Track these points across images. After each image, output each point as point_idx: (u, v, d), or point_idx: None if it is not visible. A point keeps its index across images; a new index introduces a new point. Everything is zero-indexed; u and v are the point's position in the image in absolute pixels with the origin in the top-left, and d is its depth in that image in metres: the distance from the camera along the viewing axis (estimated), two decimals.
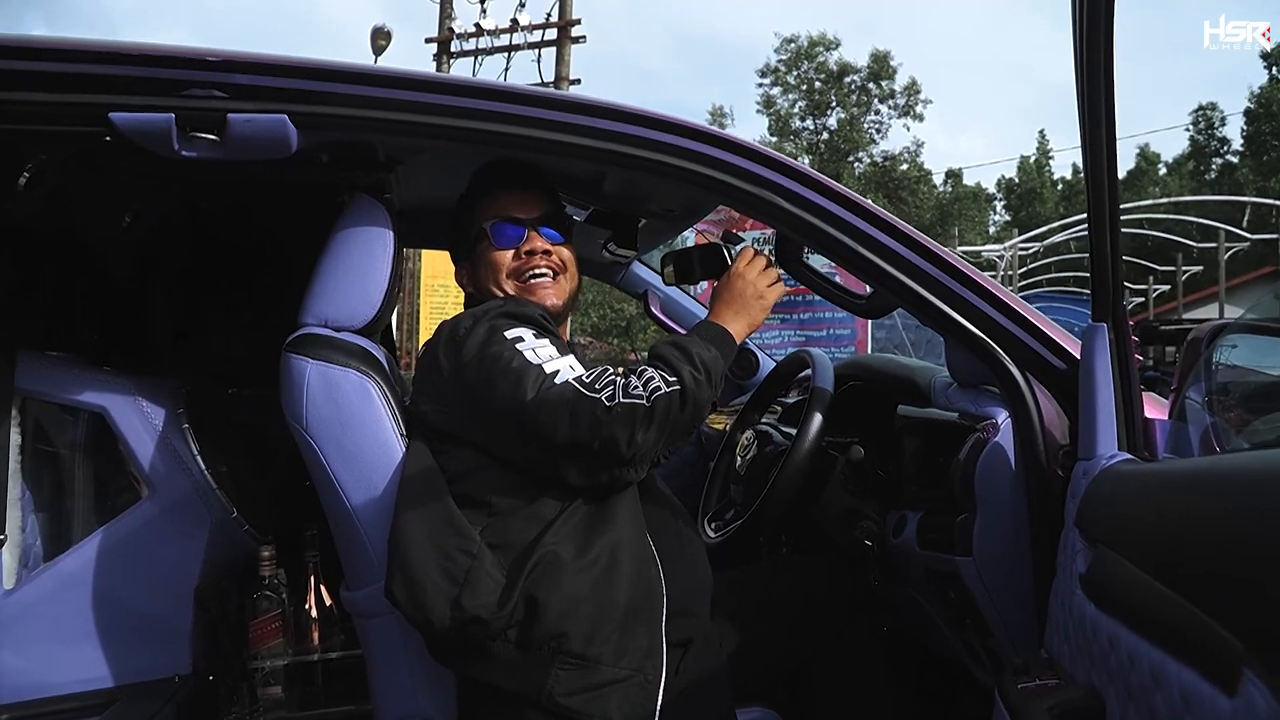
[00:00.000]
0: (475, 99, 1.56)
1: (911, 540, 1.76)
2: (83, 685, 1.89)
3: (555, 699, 1.43)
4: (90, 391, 1.95)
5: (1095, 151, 1.24)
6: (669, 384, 1.47)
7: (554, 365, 1.51)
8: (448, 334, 1.61)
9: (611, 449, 1.45)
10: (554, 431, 1.46)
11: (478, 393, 1.53)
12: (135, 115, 1.48)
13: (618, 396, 1.45)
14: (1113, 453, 1.37)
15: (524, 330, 1.57)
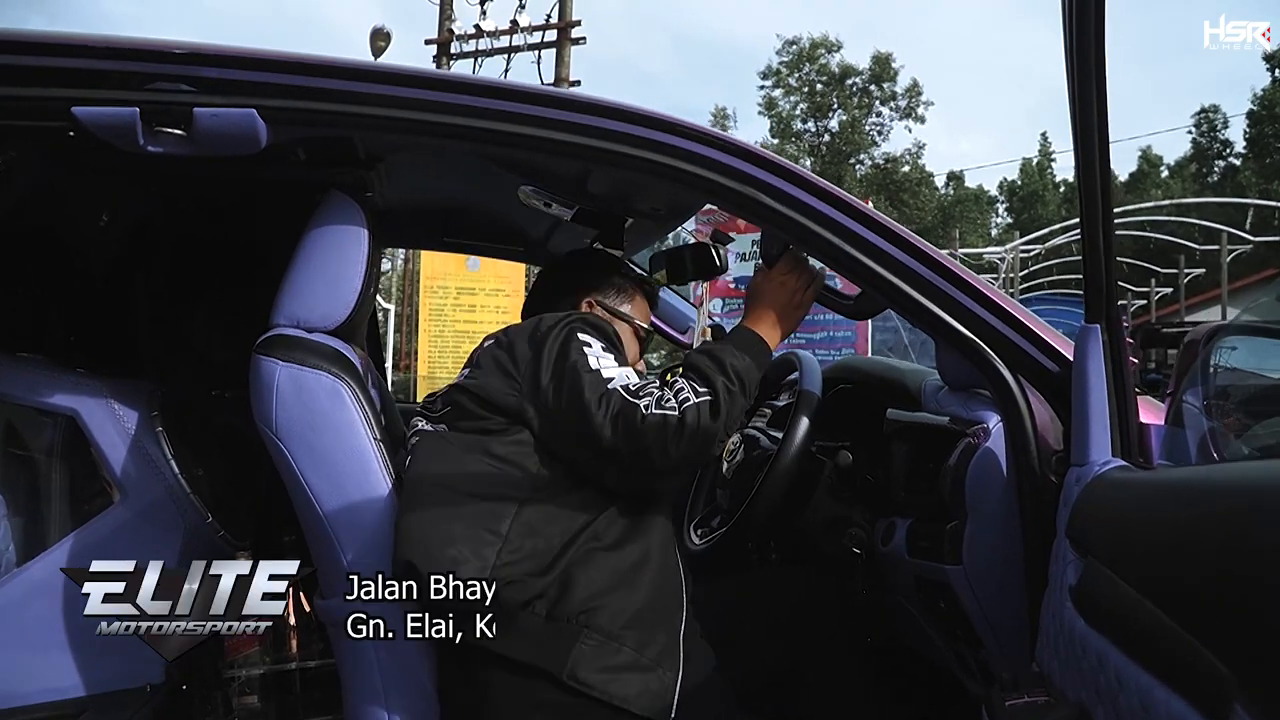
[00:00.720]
0: (450, 93, 1.52)
1: (901, 548, 1.72)
2: (53, 695, 1.84)
3: (577, 674, 1.45)
4: (61, 394, 1.91)
5: (1087, 151, 1.19)
6: (699, 394, 1.51)
7: (610, 372, 1.55)
8: (528, 331, 1.65)
9: (644, 458, 1.49)
10: (598, 434, 1.49)
11: (543, 384, 1.56)
12: (98, 109, 1.44)
13: (653, 408, 1.49)
14: (1106, 459, 1.32)
15: (595, 339, 1.61)
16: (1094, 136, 1.19)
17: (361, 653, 1.57)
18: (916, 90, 31.40)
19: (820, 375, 1.93)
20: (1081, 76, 1.16)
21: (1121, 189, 37.21)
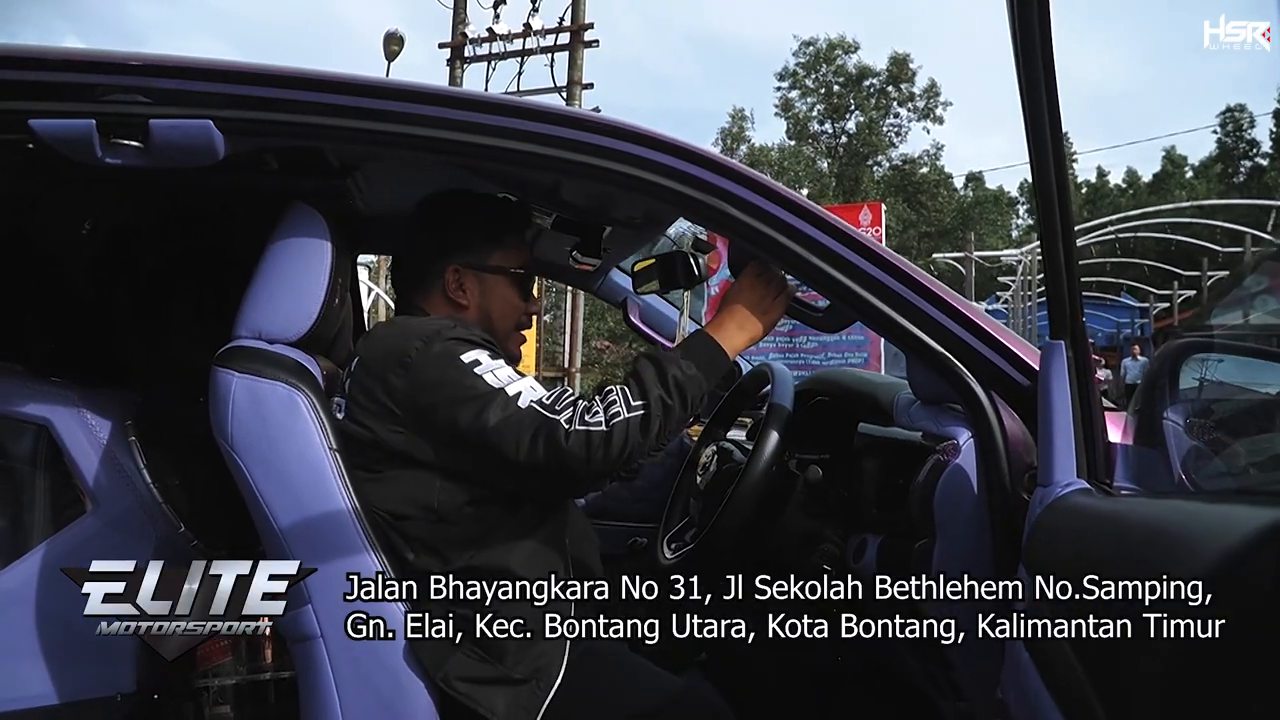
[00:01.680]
0: (407, 103, 1.50)
1: (872, 566, 1.69)
2: (22, 703, 1.84)
3: (450, 681, 1.49)
4: (33, 403, 1.90)
5: (1041, 159, 1.16)
6: (631, 408, 1.48)
7: (515, 387, 1.52)
8: (396, 354, 1.56)
9: (566, 473, 1.48)
10: (515, 453, 1.47)
11: (436, 415, 1.53)
12: (55, 122, 1.44)
13: (575, 421, 1.46)
14: (1070, 480, 1.29)
15: (479, 353, 1.56)
16: (1047, 144, 1.16)
17: (318, 663, 1.55)
18: (935, 91, 31.24)
19: (792, 388, 1.90)
20: (1030, 83, 1.13)
21: (1145, 190, 36.90)
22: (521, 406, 1.49)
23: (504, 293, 1.79)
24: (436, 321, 1.63)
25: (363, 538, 1.53)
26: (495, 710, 1.48)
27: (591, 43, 14.17)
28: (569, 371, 14.78)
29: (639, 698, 1.58)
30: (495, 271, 1.78)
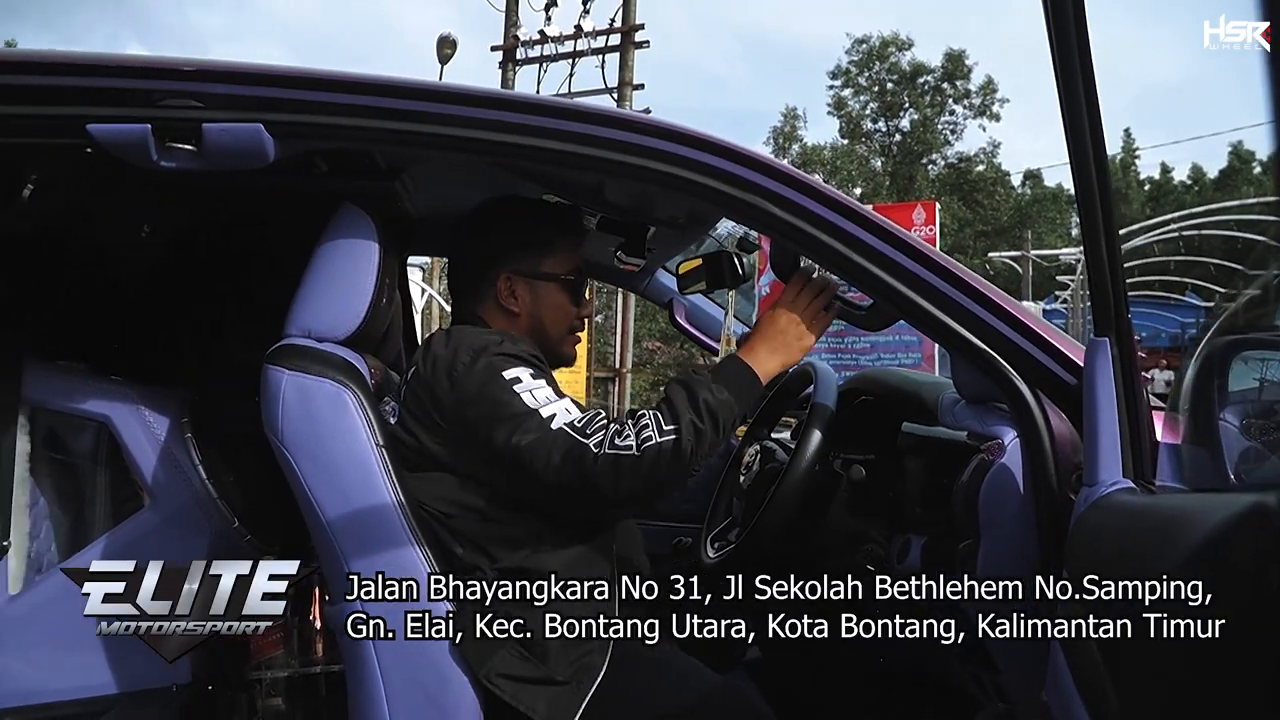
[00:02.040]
0: (455, 105, 1.52)
1: (916, 566, 1.67)
2: (82, 692, 1.90)
3: (493, 678, 1.51)
4: (94, 400, 1.96)
5: (1080, 152, 1.14)
6: (663, 433, 1.49)
7: (550, 409, 1.54)
8: (445, 366, 1.59)
9: (595, 495, 1.50)
10: (544, 474, 1.50)
11: (477, 431, 1.55)
12: (112, 126, 1.48)
13: (605, 445, 1.48)
14: (1115, 479, 1.27)
15: (522, 370, 1.58)
16: (1086, 138, 1.14)
17: (365, 657, 1.58)
18: (991, 87, 30.75)
19: (835, 388, 1.89)
20: (1066, 75, 1.12)
21: (1211, 186, 35.97)
22: (553, 428, 1.51)
23: (556, 299, 1.79)
24: (487, 335, 1.65)
25: (409, 533, 1.55)
26: (536, 710, 1.49)
27: (642, 43, 14.20)
28: (620, 372, 14.81)
29: (677, 696, 1.59)
30: (547, 278, 1.78)
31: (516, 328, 1.75)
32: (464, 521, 1.60)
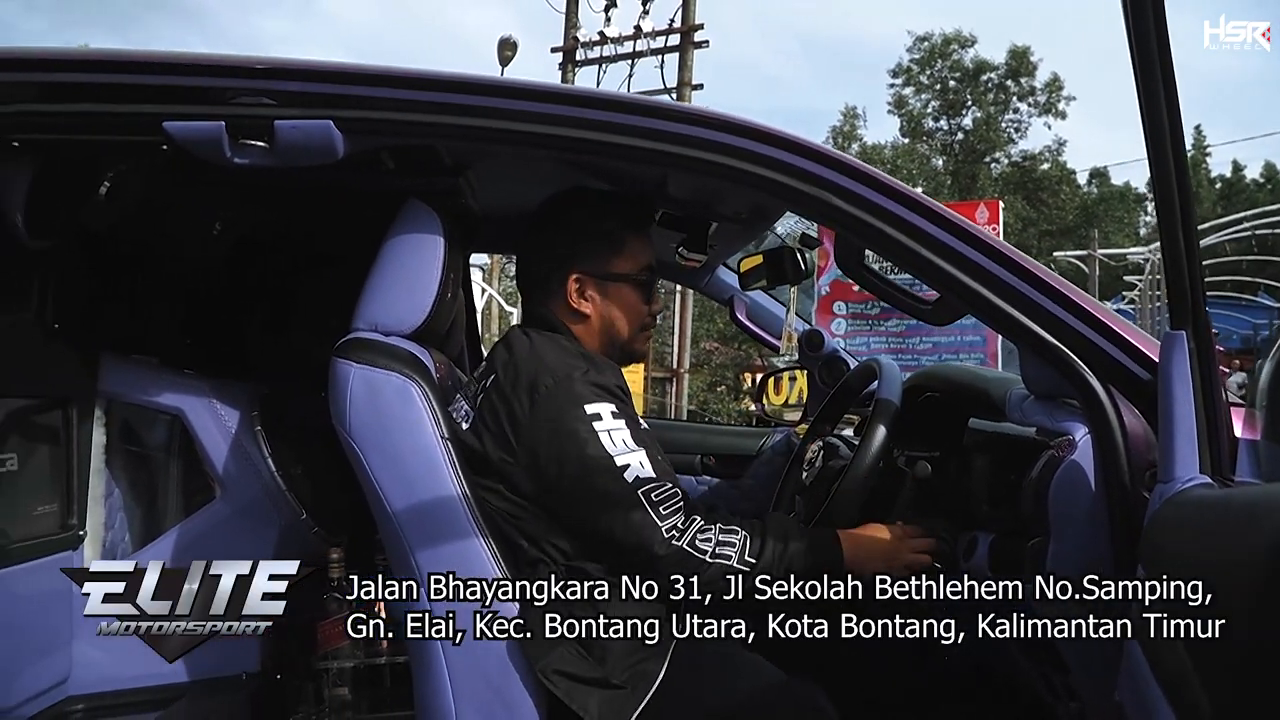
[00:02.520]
0: (522, 101, 1.53)
1: (983, 564, 1.64)
2: (153, 679, 1.95)
3: (548, 673, 1.50)
4: (168, 394, 2.02)
5: (1159, 142, 1.11)
6: (742, 561, 1.53)
7: (625, 459, 1.54)
8: (527, 384, 1.59)
9: (649, 571, 1.50)
10: (607, 530, 1.53)
11: (548, 462, 1.57)
12: (188, 124, 1.51)
13: (683, 537, 1.52)
14: (1192, 475, 1.23)
15: (603, 407, 1.58)
16: (1164, 128, 1.11)
17: (431, 648, 1.59)
18: (1057, 84, 30.16)
19: (900, 384, 1.87)
20: (1144, 65, 1.09)
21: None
22: (627, 480, 1.52)
23: (628, 298, 1.76)
24: (572, 359, 1.64)
25: (474, 526, 1.57)
26: (588, 710, 1.49)
27: (702, 43, 14.18)
28: (677, 372, 14.80)
29: (737, 696, 1.57)
30: (618, 279, 1.75)
31: (588, 329, 1.75)
32: (527, 521, 1.61)
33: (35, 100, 1.54)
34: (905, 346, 10.87)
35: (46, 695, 1.84)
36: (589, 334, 1.75)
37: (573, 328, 1.74)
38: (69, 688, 1.90)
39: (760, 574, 1.51)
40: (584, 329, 1.75)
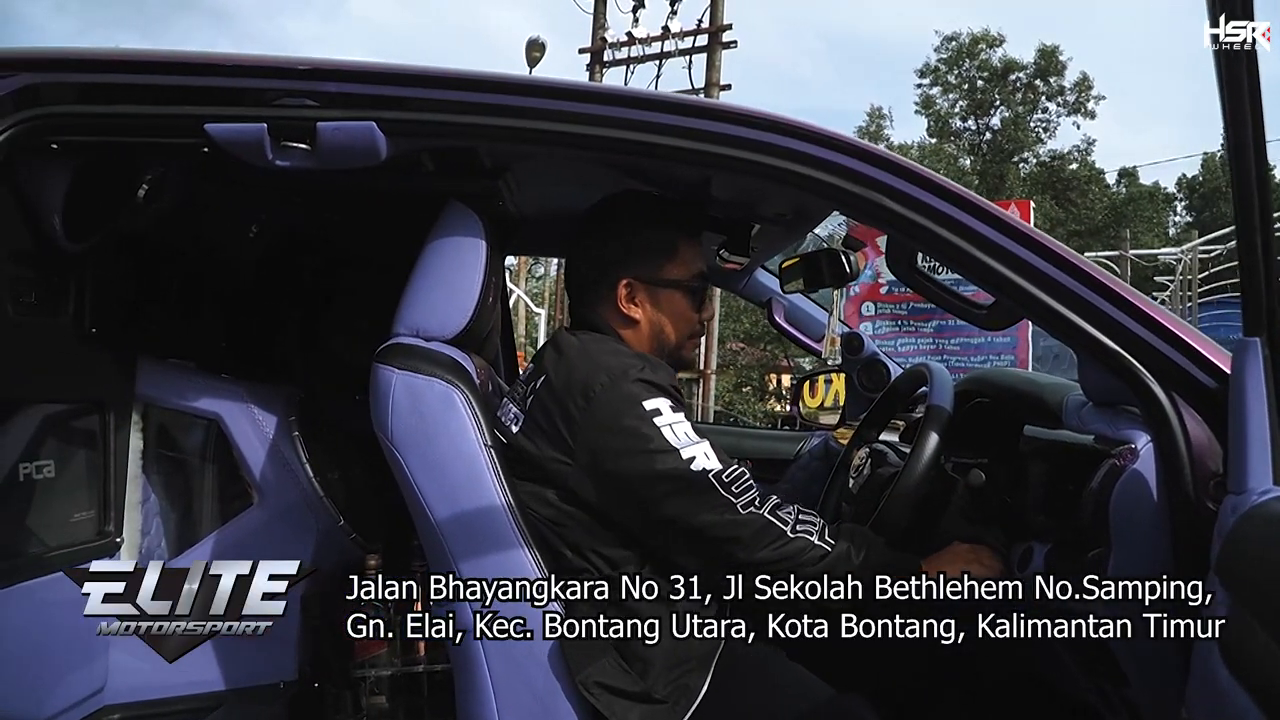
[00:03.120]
0: (565, 101, 1.50)
1: (1039, 575, 1.60)
2: (191, 688, 1.94)
3: (589, 685, 1.48)
4: (205, 398, 2.00)
5: (1240, 137, 1.07)
6: (824, 544, 1.51)
7: (690, 451, 1.51)
8: (580, 385, 1.56)
9: (728, 549, 1.49)
10: (680, 516, 1.50)
11: (608, 463, 1.53)
12: (229, 126, 1.49)
13: (763, 508, 1.50)
14: (1266, 487, 1.19)
15: (661, 402, 1.55)
16: (1246, 120, 1.07)
17: (474, 657, 1.57)
18: (1087, 84, 29.82)
19: (952, 389, 1.83)
20: (1229, 55, 1.05)
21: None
22: (694, 469, 1.49)
23: (678, 305, 1.74)
24: (627, 358, 1.61)
25: (518, 534, 1.54)
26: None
27: (730, 44, 14.12)
28: (704, 373, 14.76)
29: (780, 712, 1.54)
30: (669, 285, 1.73)
31: (638, 335, 1.72)
32: (572, 530, 1.58)
33: (74, 102, 1.52)
34: (937, 348, 10.79)
35: (83, 705, 1.83)
36: (638, 339, 1.72)
37: (621, 332, 1.71)
38: (105, 697, 1.89)
39: (837, 559, 1.49)
40: (633, 334, 1.72)
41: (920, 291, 1.94)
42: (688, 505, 1.49)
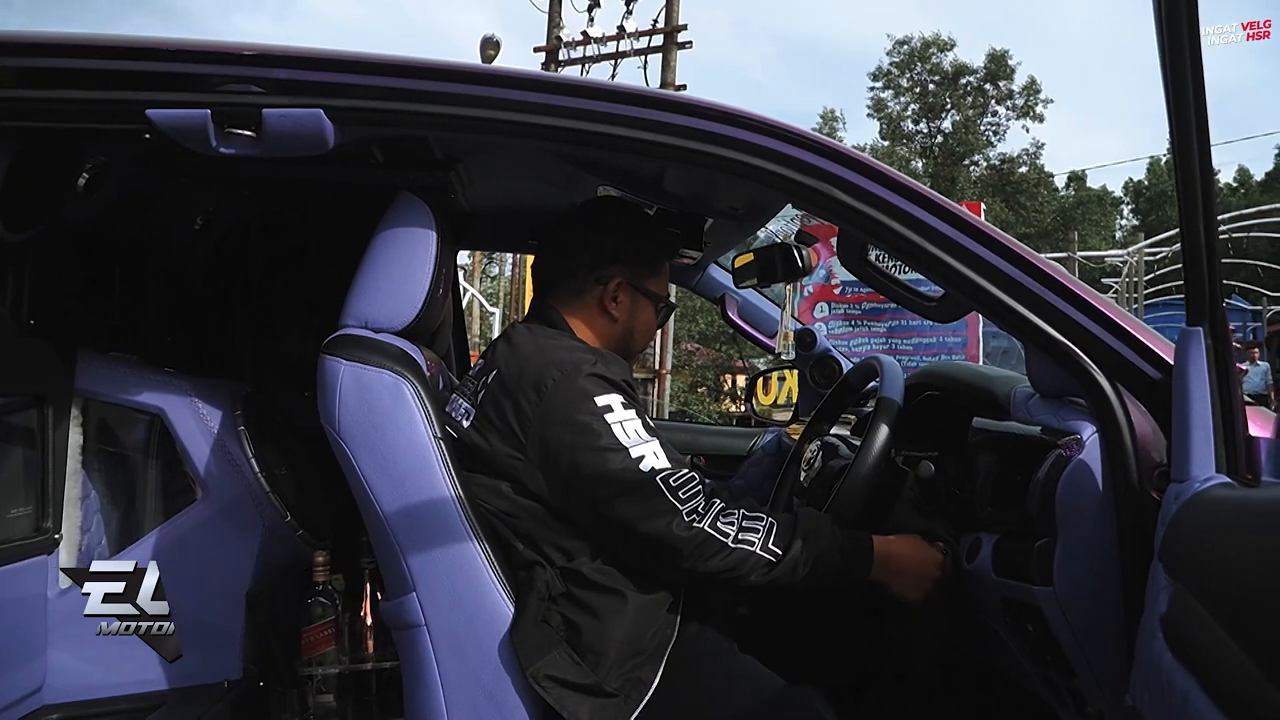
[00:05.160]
0: (515, 90, 1.49)
1: (987, 566, 1.61)
2: (133, 687, 1.89)
3: (539, 677, 1.46)
4: (148, 393, 1.96)
5: (1184, 134, 1.08)
6: (766, 550, 1.50)
7: (640, 450, 1.51)
8: (533, 379, 1.55)
9: (669, 558, 1.49)
10: (624, 516, 1.48)
11: (559, 457, 1.52)
12: (171, 112, 1.46)
13: (704, 520, 1.48)
14: (1209, 475, 1.20)
15: (613, 398, 1.54)
16: (1190, 117, 1.08)
17: (422, 651, 1.55)
18: (1035, 88, 30.34)
19: (903, 382, 1.84)
20: (1175, 58, 1.06)
21: (1258, 189, 35.29)
22: (643, 470, 1.48)
23: (648, 317, 1.80)
24: (580, 353, 1.61)
25: (467, 527, 1.52)
26: (579, 718, 1.45)
27: (685, 44, 14.14)
28: (659, 373, 14.78)
29: (732, 705, 1.53)
30: (650, 296, 1.79)
31: (609, 332, 1.74)
32: (525, 522, 1.56)
33: (12, 86, 1.48)
34: (890, 348, 10.88)
35: (20, 705, 1.78)
36: (603, 338, 1.74)
37: (586, 328, 1.73)
38: (44, 696, 1.84)
39: (783, 567, 1.49)
40: (601, 332, 1.74)
41: (871, 284, 1.95)
42: (632, 509, 1.48)
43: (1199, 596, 0.87)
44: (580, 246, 1.76)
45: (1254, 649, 0.69)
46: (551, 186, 2.25)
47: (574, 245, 1.77)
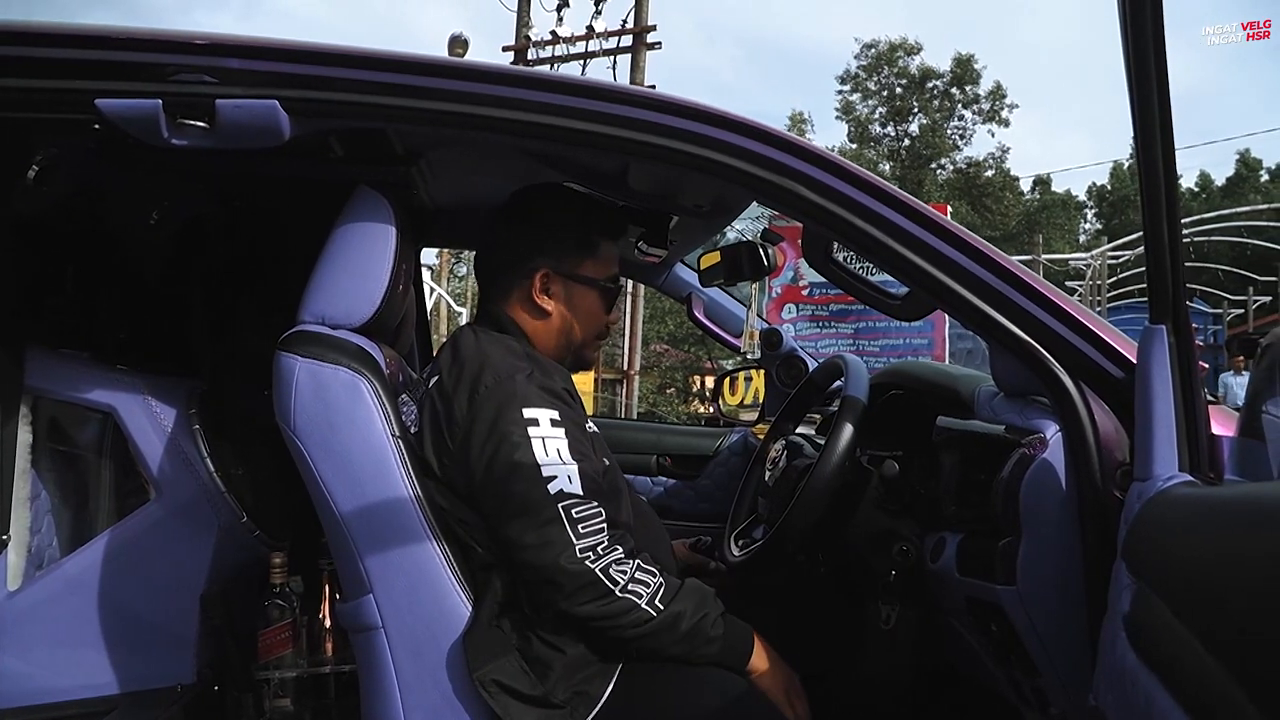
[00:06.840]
0: (476, 83, 1.46)
1: (951, 565, 1.60)
2: (84, 691, 1.84)
3: (485, 682, 1.44)
4: (99, 390, 1.91)
5: (1148, 131, 1.08)
6: (649, 604, 1.46)
7: (553, 470, 1.47)
8: (469, 383, 1.52)
9: (548, 593, 1.46)
10: (517, 536, 1.46)
11: (476, 464, 1.49)
12: (121, 102, 1.42)
13: (598, 561, 1.45)
14: (1171, 473, 1.20)
15: (542, 413, 1.50)
16: (1154, 117, 1.08)
17: (379, 654, 1.52)
18: (1000, 93, 30.66)
19: (867, 381, 1.83)
20: (1139, 57, 1.05)
21: (1219, 194, 35.87)
22: (549, 491, 1.45)
23: (590, 303, 1.72)
24: (517, 359, 1.57)
25: (426, 527, 1.50)
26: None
27: (654, 45, 14.14)
28: (628, 374, 14.76)
29: (693, 705, 1.51)
30: (585, 282, 1.71)
31: (546, 328, 1.69)
32: (475, 527, 1.54)
33: None
34: (857, 349, 10.93)
35: None
36: (544, 334, 1.70)
37: (528, 326, 1.69)
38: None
39: (662, 625, 1.46)
40: (541, 328, 1.69)
41: (835, 282, 1.95)
42: (525, 532, 1.45)
43: (1162, 595, 0.86)
44: (504, 241, 1.73)
45: (1216, 648, 0.68)
46: (515, 182, 2.23)
47: (500, 240, 1.74)
